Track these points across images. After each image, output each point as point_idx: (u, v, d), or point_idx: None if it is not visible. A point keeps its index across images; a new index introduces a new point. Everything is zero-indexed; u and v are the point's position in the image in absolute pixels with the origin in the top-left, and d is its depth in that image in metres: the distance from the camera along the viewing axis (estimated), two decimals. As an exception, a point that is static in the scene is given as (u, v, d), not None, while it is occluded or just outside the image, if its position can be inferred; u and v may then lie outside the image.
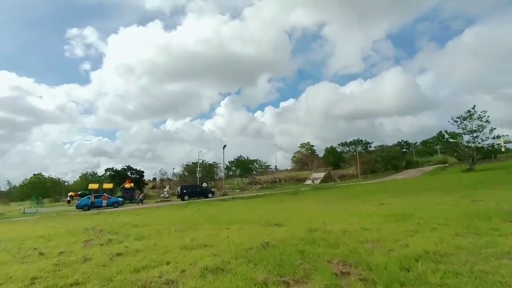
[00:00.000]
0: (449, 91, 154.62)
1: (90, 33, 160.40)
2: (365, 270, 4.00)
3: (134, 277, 4.23)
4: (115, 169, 55.23)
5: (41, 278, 4.53)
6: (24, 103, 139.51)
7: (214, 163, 65.28)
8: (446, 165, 56.41)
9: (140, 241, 7.03)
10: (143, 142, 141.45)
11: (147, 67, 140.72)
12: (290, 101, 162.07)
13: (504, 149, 54.32)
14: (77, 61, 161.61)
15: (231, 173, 68.87)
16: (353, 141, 71.33)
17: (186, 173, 63.21)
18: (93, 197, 29.39)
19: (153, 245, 6.44)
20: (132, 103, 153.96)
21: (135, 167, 55.87)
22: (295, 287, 3.64)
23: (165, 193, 37.84)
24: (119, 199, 32.03)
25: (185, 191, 32.10)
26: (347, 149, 73.98)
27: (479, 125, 38.09)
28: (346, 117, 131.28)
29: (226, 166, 48.31)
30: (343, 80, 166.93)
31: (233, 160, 67.86)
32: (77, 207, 28.25)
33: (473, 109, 38.81)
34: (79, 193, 40.98)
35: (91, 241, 7.19)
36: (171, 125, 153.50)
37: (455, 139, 41.36)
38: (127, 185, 38.57)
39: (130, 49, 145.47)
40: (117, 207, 28.10)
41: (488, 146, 41.27)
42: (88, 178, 58.25)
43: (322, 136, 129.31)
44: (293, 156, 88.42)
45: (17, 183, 62.44)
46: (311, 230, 7.32)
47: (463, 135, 40.19)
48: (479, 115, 38.23)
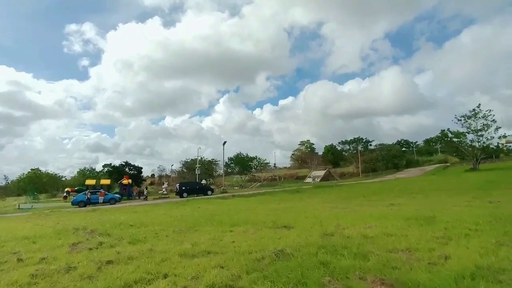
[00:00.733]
0: (446, 91, 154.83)
1: (88, 29, 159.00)
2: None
3: (123, 296, 3.46)
4: (113, 165, 54.46)
5: (12, 293, 3.75)
6: (22, 98, 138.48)
7: (213, 160, 64.50)
8: (447, 164, 55.91)
9: (134, 246, 6.25)
10: (141, 138, 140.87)
11: (145, 63, 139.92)
12: (288, 99, 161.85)
13: (506, 149, 53.82)
14: (75, 56, 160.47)
15: (230, 170, 68.06)
16: (354, 139, 70.65)
17: (184, 170, 62.35)
18: (89, 193, 28.54)
19: (148, 251, 5.67)
20: (130, 99, 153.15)
21: (133, 163, 55.16)
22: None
23: (164, 190, 36.99)
24: (116, 195, 31.17)
25: (183, 188, 31.29)
26: (347, 148, 73.27)
27: (484, 124, 37.40)
28: (344, 115, 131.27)
29: (225, 163, 47.43)
30: (341, 79, 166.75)
31: (232, 157, 67.01)
32: (73, 203, 27.40)
33: (478, 107, 38.15)
34: (76, 188, 40.10)
35: (79, 245, 6.40)
36: (169, 121, 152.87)
37: (458, 138, 40.67)
38: (125, 181, 37.72)
39: (128, 46, 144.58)
40: (114, 204, 27.28)
41: (493, 145, 40.64)
42: (86, 173, 57.34)
43: (320, 134, 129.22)
44: (292, 153, 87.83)
45: (14, 178, 61.52)
46: (326, 234, 6.57)
47: (467, 134, 39.57)
48: (484, 114, 37.56)
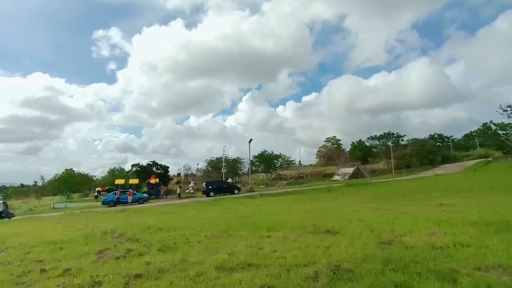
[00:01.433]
0: (481, 82, 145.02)
1: (114, 34, 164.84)
2: None
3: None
4: (140, 165, 55.51)
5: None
6: (56, 102, 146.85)
7: (237, 158, 64.14)
8: (489, 159, 51.78)
9: (164, 254, 5.61)
10: (167, 138, 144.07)
11: (169, 65, 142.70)
12: (312, 96, 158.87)
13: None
14: (104, 61, 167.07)
15: (255, 168, 67.47)
16: (384, 134, 67.27)
17: (210, 169, 62.51)
18: (119, 193, 28.98)
19: (180, 261, 4.99)
20: (156, 100, 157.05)
21: (160, 163, 55.96)
22: None
23: (190, 189, 36.92)
24: (144, 195, 31.50)
25: (210, 187, 30.94)
26: (377, 143, 70.13)
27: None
28: (370, 110, 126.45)
29: (250, 161, 46.80)
30: (366, 72, 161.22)
31: (257, 155, 66.29)
32: (103, 203, 27.91)
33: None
34: (106, 188, 41.11)
35: (106, 252, 5.87)
36: (193, 121, 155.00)
37: (504, 130, 37.31)
38: (152, 181, 38.12)
39: (153, 48, 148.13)
40: (142, 203, 27.49)
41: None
42: (115, 173, 58.93)
43: (345, 130, 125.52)
44: (318, 150, 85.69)
45: (50, 178, 64.56)
46: (382, 242, 5.61)
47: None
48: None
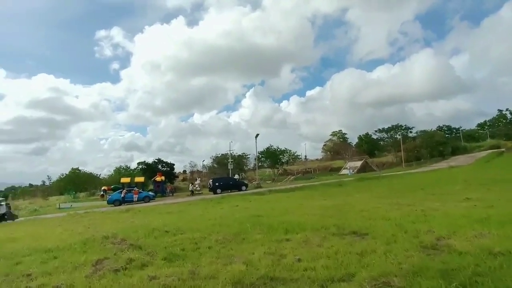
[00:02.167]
0: (487, 72, 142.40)
1: (116, 33, 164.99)
2: None
3: None
4: (146, 163, 55.07)
5: None
6: (62, 103, 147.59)
7: (243, 154, 63.38)
8: (502, 150, 50.34)
9: (170, 264, 4.85)
10: (172, 136, 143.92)
11: (172, 63, 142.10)
12: (315, 90, 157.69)
13: None
14: (107, 61, 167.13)
15: (260, 164, 66.63)
16: (392, 126, 65.84)
17: (215, 165, 61.84)
18: (124, 192, 28.41)
19: (190, 275, 4.21)
20: (159, 98, 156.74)
21: (165, 160, 55.43)
22: None
23: (196, 186, 36.19)
24: (150, 193, 30.87)
25: (217, 184, 30.16)
26: (385, 136, 68.77)
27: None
28: (374, 103, 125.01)
29: (256, 156, 45.96)
30: (369, 65, 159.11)
31: (263, 150, 65.45)
32: (108, 202, 27.36)
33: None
34: (112, 187, 40.70)
35: (104, 262, 5.13)
36: (197, 118, 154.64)
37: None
38: (158, 178, 37.55)
39: (155, 47, 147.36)
40: (148, 202, 26.88)
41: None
42: (121, 172, 58.59)
43: (349, 124, 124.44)
44: (324, 145, 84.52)
45: (56, 178, 64.46)
46: (425, 247, 4.79)
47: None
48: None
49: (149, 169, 50.42)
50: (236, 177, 36.59)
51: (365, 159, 56.49)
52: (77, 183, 54.20)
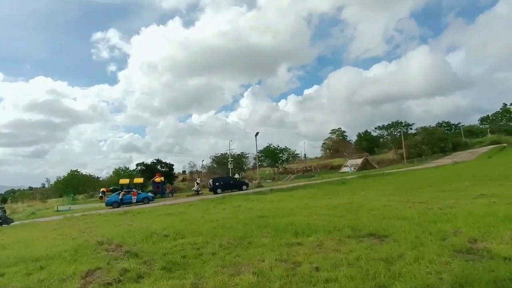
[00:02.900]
0: (483, 68, 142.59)
1: (113, 35, 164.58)
2: None
3: None
4: (145, 164, 54.36)
5: None
6: (60, 105, 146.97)
7: (242, 153, 62.80)
8: (504, 145, 49.99)
9: (170, 276, 4.29)
10: (170, 136, 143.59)
11: (169, 64, 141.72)
12: (312, 89, 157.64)
13: None
14: (104, 63, 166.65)
15: (260, 163, 66.04)
16: (392, 123, 65.35)
17: (215, 165, 61.21)
18: (123, 193, 27.75)
19: (193, 288, 3.66)
20: (157, 99, 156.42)
21: (164, 161, 54.76)
22: None
23: (196, 186, 35.53)
24: (149, 194, 30.22)
25: (217, 184, 29.54)
26: (384, 133, 68.28)
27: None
28: (371, 101, 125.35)
29: (256, 155, 45.33)
30: (366, 63, 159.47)
31: (262, 149, 64.86)
32: (107, 204, 26.66)
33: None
34: (111, 188, 40.01)
35: (95, 274, 4.56)
36: (196, 118, 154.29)
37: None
38: (157, 179, 36.90)
39: (152, 48, 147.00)
40: (148, 203, 26.25)
41: None
42: (120, 173, 57.95)
43: (347, 122, 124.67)
44: (323, 143, 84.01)
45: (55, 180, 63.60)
46: (459, 251, 4.23)
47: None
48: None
49: (148, 170, 49.74)
50: (236, 176, 36.00)
51: (366, 157, 56.04)
52: (76, 185, 53.55)
